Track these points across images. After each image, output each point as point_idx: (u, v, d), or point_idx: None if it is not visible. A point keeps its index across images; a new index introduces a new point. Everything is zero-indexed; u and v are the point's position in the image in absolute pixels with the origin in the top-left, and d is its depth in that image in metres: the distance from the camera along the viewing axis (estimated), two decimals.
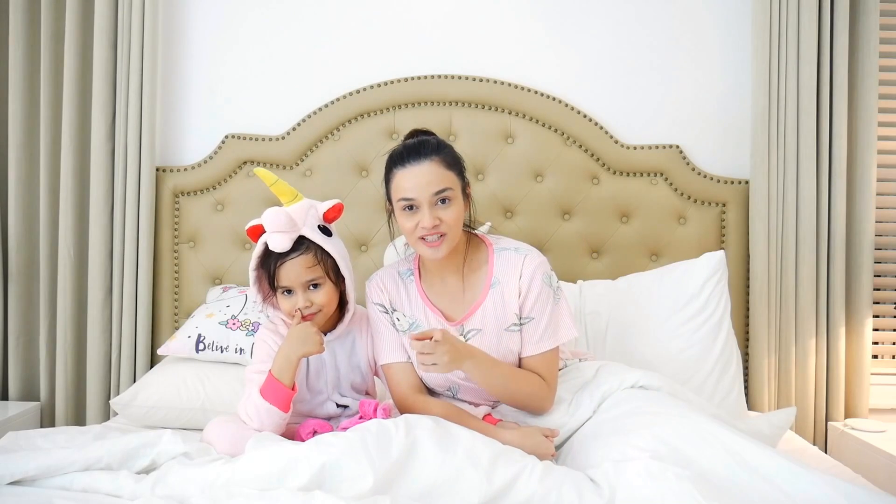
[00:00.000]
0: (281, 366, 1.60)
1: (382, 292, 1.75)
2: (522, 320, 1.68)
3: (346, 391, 1.76)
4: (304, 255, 1.63)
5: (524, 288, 1.67)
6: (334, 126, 2.45)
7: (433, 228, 1.61)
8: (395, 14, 2.49)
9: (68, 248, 2.37)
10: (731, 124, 2.48)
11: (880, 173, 2.43)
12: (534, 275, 1.67)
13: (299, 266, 1.63)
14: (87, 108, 2.39)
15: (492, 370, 1.63)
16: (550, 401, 1.68)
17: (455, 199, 1.63)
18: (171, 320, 2.45)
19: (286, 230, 1.61)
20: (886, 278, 2.52)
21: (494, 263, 1.70)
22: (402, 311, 1.73)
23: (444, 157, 1.64)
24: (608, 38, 2.48)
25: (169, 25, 2.49)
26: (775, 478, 1.30)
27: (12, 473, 1.39)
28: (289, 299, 1.65)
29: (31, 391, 2.46)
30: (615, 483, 1.32)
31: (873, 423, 2.28)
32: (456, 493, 1.31)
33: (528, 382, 1.66)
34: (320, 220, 1.69)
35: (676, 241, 2.42)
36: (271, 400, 1.58)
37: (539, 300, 1.67)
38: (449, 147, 1.68)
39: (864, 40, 2.35)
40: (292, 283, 1.63)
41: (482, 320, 1.69)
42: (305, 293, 1.64)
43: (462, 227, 1.68)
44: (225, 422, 1.62)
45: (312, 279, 1.64)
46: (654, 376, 1.69)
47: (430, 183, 1.61)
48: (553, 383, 1.69)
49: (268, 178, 1.68)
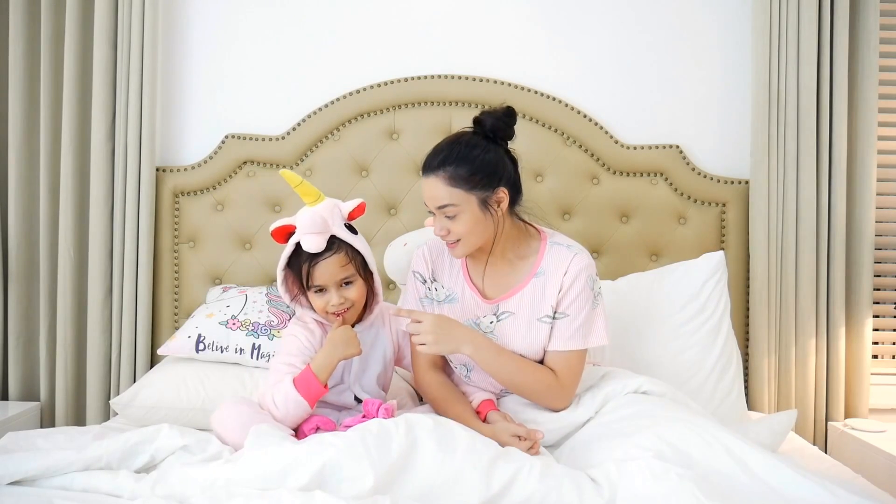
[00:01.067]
0: (321, 363, 1.63)
1: (426, 262, 1.80)
2: (557, 315, 1.69)
3: (367, 384, 1.79)
4: (336, 254, 1.68)
5: (567, 284, 1.68)
6: (334, 126, 2.45)
7: (444, 236, 1.67)
8: (394, 14, 2.49)
9: (68, 248, 2.37)
10: (731, 124, 2.48)
11: (880, 173, 2.43)
12: (579, 274, 1.68)
13: (334, 265, 1.68)
14: (87, 108, 2.39)
15: (497, 358, 1.66)
16: (563, 400, 1.68)
17: (462, 214, 1.64)
18: (171, 320, 2.45)
19: (321, 231, 1.66)
20: (886, 278, 2.52)
21: (545, 255, 1.73)
22: (442, 283, 1.78)
23: (449, 174, 1.62)
24: (608, 38, 2.49)
25: (169, 25, 2.49)
26: (777, 483, 1.31)
27: (12, 473, 1.38)
28: (322, 297, 1.70)
29: (31, 391, 2.46)
30: (616, 482, 1.32)
31: (873, 423, 2.28)
32: (456, 492, 1.31)
33: (535, 378, 1.67)
34: (345, 218, 1.74)
35: (676, 241, 2.42)
36: (303, 393, 1.60)
37: (578, 299, 1.68)
38: (462, 161, 1.63)
39: (864, 40, 2.35)
40: (327, 281, 1.68)
41: (518, 305, 1.71)
42: (339, 290, 1.69)
43: (488, 232, 1.68)
44: (235, 404, 1.62)
45: (345, 277, 1.69)
46: (658, 383, 1.70)
47: (431, 198, 1.66)
48: (569, 383, 1.69)
49: (293, 180, 1.70)
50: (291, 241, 1.70)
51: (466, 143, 1.66)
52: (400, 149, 2.44)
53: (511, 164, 1.70)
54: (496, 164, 1.66)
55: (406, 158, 2.43)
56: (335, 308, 1.69)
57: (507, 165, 1.68)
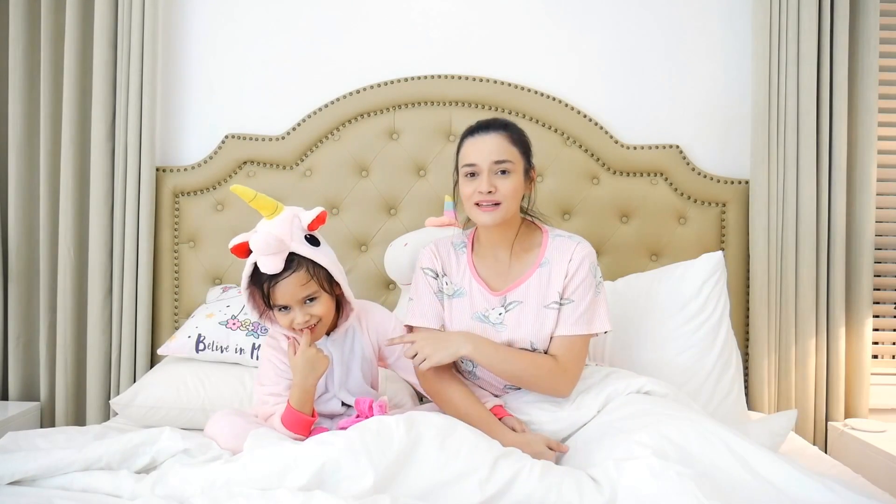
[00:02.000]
0: (300, 398, 1.61)
1: (436, 258, 1.83)
2: (563, 301, 1.73)
3: (353, 387, 1.76)
4: (296, 272, 1.60)
5: (572, 270, 1.72)
6: (334, 126, 2.45)
7: (488, 195, 1.68)
8: (395, 14, 2.49)
9: (68, 248, 2.37)
10: (731, 124, 2.48)
11: (880, 173, 2.43)
12: (583, 260, 1.73)
13: (293, 285, 1.61)
14: (87, 108, 2.39)
15: (496, 351, 1.69)
16: (566, 385, 1.70)
17: (513, 173, 1.70)
18: (171, 320, 2.45)
19: (276, 251, 1.58)
20: (886, 278, 2.52)
21: (548, 246, 1.78)
22: (450, 278, 1.81)
23: (511, 134, 1.73)
24: (608, 38, 2.49)
25: (169, 25, 2.49)
26: (778, 481, 1.31)
27: (12, 473, 1.38)
28: (286, 315, 1.64)
29: (31, 391, 2.46)
30: (617, 481, 1.32)
31: (873, 423, 2.28)
32: (456, 491, 1.31)
33: (536, 363, 1.70)
34: (305, 230, 1.66)
35: (676, 241, 2.42)
36: (294, 429, 1.60)
37: (582, 285, 1.72)
38: (519, 129, 1.77)
39: (864, 40, 2.35)
40: (289, 301, 1.62)
41: (525, 294, 1.74)
42: (303, 308, 1.63)
43: (518, 205, 1.75)
44: (228, 415, 1.63)
45: (308, 295, 1.62)
46: (661, 383, 1.70)
47: (491, 152, 1.70)
48: (572, 368, 1.71)
49: (246, 195, 1.62)
50: (249, 261, 1.63)
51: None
52: (400, 149, 2.44)
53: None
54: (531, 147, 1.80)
55: (406, 158, 2.43)
56: (300, 325, 1.63)
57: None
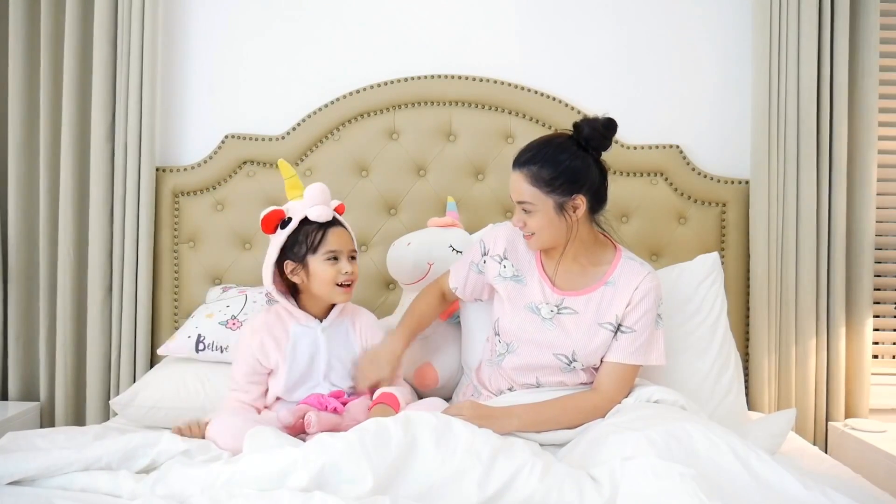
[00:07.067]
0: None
1: (499, 241, 1.84)
2: (622, 329, 1.73)
3: (336, 379, 1.80)
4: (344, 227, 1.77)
5: (636, 299, 1.72)
6: (334, 126, 2.45)
7: (523, 226, 1.74)
8: (395, 14, 2.49)
9: (68, 248, 2.37)
10: (731, 124, 2.48)
11: (880, 173, 2.43)
12: (648, 292, 1.73)
13: (346, 235, 1.77)
14: (87, 108, 2.39)
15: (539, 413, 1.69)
16: (605, 412, 1.70)
17: (536, 213, 1.70)
18: (171, 320, 2.45)
19: (327, 202, 1.75)
20: (886, 278, 2.51)
21: (617, 266, 1.77)
22: (514, 262, 1.81)
23: (532, 173, 1.68)
24: (608, 37, 2.48)
25: (169, 25, 2.49)
26: (780, 488, 1.32)
27: (12, 473, 1.38)
28: (333, 266, 1.72)
29: (30, 391, 2.46)
30: (618, 481, 1.32)
31: (873, 423, 2.28)
32: (456, 491, 1.31)
33: (577, 407, 1.71)
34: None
35: (676, 241, 2.42)
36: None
37: (645, 317, 1.72)
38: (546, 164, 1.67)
39: (864, 40, 2.35)
40: (342, 247, 1.73)
41: (584, 306, 1.75)
42: (349, 262, 1.75)
43: (562, 232, 1.72)
44: (227, 416, 1.64)
45: (353, 249, 1.77)
46: (671, 392, 1.72)
47: (513, 191, 1.73)
48: (614, 397, 1.72)
49: (287, 171, 1.80)
50: (296, 218, 1.72)
51: (557, 146, 1.70)
52: (400, 149, 2.44)
53: (598, 174, 1.73)
54: (580, 172, 1.68)
55: (406, 158, 2.43)
56: (345, 278, 1.72)
57: (593, 174, 1.71)
